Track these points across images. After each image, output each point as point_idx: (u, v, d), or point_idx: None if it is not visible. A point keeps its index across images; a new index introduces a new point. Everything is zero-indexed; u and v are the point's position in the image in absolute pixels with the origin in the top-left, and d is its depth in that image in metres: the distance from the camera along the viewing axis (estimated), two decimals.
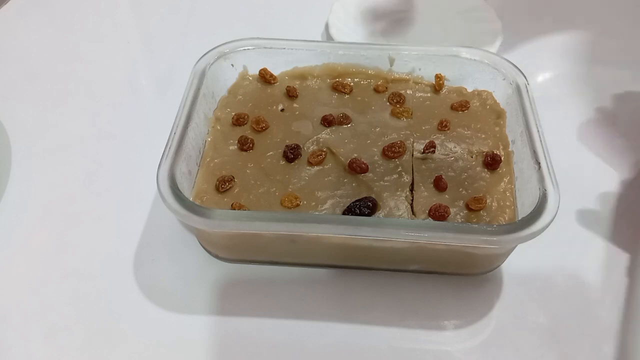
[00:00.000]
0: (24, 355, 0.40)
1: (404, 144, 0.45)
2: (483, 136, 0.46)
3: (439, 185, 0.43)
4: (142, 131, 0.55)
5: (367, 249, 0.41)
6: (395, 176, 0.43)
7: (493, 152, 0.44)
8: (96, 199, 0.49)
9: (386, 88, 0.50)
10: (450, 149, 0.45)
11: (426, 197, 0.42)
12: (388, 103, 0.49)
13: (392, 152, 0.45)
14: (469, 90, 0.50)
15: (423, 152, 0.45)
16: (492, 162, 0.44)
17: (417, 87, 0.50)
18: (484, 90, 0.50)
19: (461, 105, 0.48)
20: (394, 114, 0.48)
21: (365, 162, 0.44)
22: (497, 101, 0.49)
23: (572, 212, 0.47)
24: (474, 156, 0.45)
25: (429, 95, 0.50)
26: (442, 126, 0.47)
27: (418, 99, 0.50)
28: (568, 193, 0.42)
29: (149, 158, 0.44)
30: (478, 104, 0.49)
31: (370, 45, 0.50)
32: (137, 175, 0.50)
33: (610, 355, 0.39)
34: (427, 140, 0.46)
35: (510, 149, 0.45)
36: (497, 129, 0.47)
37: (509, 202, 0.42)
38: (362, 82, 0.51)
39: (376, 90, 0.50)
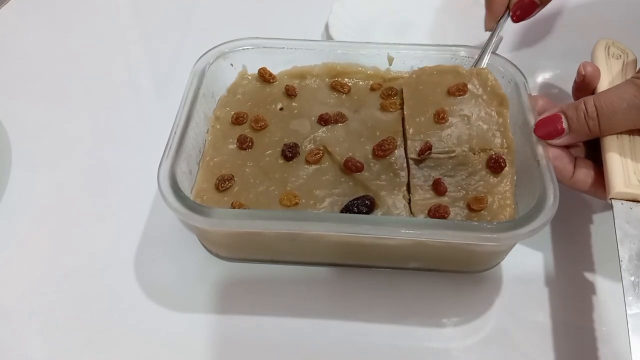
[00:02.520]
0: (24, 355, 0.40)
1: (394, 140, 0.44)
2: (485, 127, 0.44)
3: (438, 189, 0.42)
4: (142, 131, 0.55)
5: (367, 247, 0.41)
6: (391, 174, 0.43)
7: (497, 156, 0.42)
8: (96, 199, 0.49)
9: (380, 86, 0.49)
10: (449, 146, 0.43)
11: (425, 199, 0.42)
12: (380, 98, 0.48)
13: (382, 150, 0.43)
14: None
15: (419, 156, 0.43)
16: (495, 166, 0.42)
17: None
18: (483, 68, 0.47)
19: (458, 90, 0.45)
20: (382, 108, 0.47)
21: (360, 160, 0.43)
22: (498, 82, 0.46)
23: (571, 209, 0.47)
24: (476, 154, 0.43)
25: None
26: (439, 118, 0.44)
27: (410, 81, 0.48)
28: (567, 191, 0.42)
29: (148, 157, 0.44)
30: (477, 86, 0.46)
31: (369, 45, 0.50)
32: (137, 175, 0.50)
33: (609, 355, 0.39)
34: (423, 142, 0.43)
35: (513, 150, 0.43)
36: (500, 120, 0.44)
37: (509, 201, 0.42)
38: (360, 82, 0.51)
39: (372, 88, 0.50)
